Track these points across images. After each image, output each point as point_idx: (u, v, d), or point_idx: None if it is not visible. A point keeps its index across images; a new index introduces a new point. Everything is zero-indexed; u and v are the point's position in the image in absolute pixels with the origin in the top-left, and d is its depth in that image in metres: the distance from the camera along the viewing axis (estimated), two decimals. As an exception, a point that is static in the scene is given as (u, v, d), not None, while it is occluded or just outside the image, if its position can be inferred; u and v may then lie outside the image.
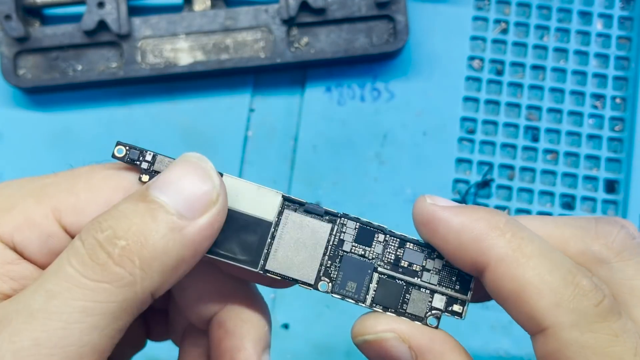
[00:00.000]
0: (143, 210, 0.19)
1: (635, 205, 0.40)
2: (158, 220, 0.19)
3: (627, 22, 0.43)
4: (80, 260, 0.18)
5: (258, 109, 0.42)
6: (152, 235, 0.18)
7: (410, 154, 0.41)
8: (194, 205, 0.19)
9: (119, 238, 0.18)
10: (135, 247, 0.18)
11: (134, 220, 0.18)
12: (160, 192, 0.19)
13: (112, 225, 0.18)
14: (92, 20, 0.39)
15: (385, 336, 0.22)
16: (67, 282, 0.18)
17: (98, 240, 0.18)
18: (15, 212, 0.21)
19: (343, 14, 0.40)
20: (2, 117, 0.41)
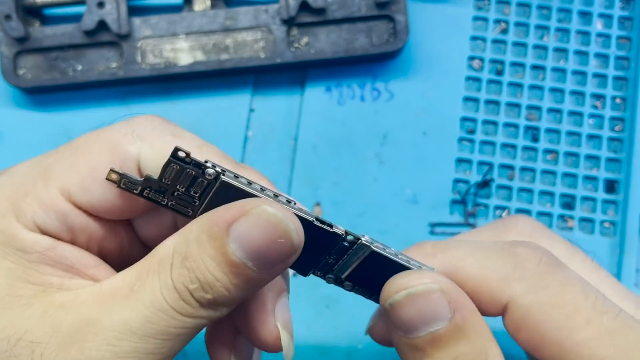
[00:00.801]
0: (226, 269, 0.21)
1: (635, 205, 0.40)
2: (240, 278, 0.21)
3: (627, 22, 0.43)
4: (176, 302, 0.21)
5: (258, 109, 0.42)
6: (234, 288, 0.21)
7: (410, 154, 0.41)
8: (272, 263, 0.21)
9: (206, 292, 0.21)
10: (220, 298, 0.21)
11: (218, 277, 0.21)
12: (242, 251, 0.21)
13: (199, 278, 0.21)
14: (92, 20, 0.39)
15: (432, 287, 0.22)
16: (164, 314, 0.21)
17: (189, 290, 0.21)
18: (29, 199, 0.22)
19: (343, 14, 0.40)
20: (2, 117, 0.41)
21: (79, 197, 0.23)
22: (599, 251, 0.40)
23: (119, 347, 0.20)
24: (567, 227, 0.41)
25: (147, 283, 0.21)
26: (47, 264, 0.22)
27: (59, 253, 0.23)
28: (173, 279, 0.21)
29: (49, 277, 0.22)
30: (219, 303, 0.21)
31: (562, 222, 0.41)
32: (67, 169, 0.23)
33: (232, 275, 0.21)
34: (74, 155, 0.23)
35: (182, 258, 0.21)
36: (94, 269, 0.23)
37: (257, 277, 0.21)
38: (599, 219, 0.41)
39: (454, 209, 0.41)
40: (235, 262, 0.21)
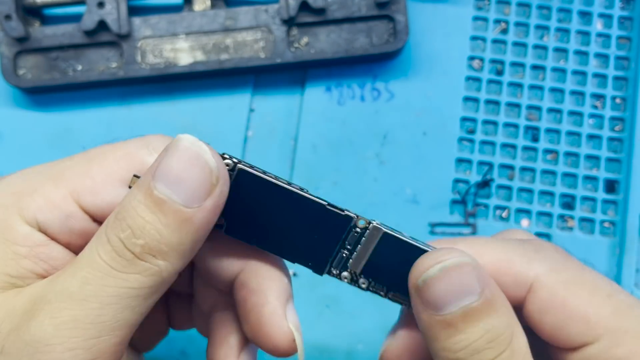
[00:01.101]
0: (153, 207, 0.20)
1: (635, 205, 0.40)
2: (168, 215, 0.20)
3: (627, 22, 0.43)
4: (109, 255, 0.20)
5: (258, 109, 0.42)
6: (165, 230, 0.20)
7: (410, 154, 0.41)
8: (197, 192, 0.21)
9: (138, 237, 0.20)
10: (153, 243, 0.20)
11: (146, 219, 0.20)
12: (164, 185, 0.21)
13: (130, 224, 0.20)
14: (92, 20, 0.39)
15: (465, 260, 0.22)
16: (100, 272, 0.20)
17: (121, 239, 0.20)
18: (36, 195, 0.23)
19: (343, 14, 0.40)
20: (2, 117, 0.41)
21: (89, 200, 0.23)
22: (599, 251, 0.40)
23: (59, 319, 0.20)
24: (567, 227, 0.41)
25: (86, 249, 0.21)
26: (32, 260, 0.22)
27: (48, 251, 0.23)
28: (107, 232, 0.21)
29: (25, 272, 0.22)
30: (154, 251, 0.20)
31: (562, 222, 0.41)
32: (80, 173, 0.23)
33: (160, 212, 0.20)
34: (89, 162, 0.23)
35: (115, 213, 0.21)
36: None
37: (187, 215, 0.21)
38: (599, 219, 0.41)
39: (454, 209, 0.41)
40: (160, 197, 0.20)
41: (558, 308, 0.23)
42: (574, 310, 0.23)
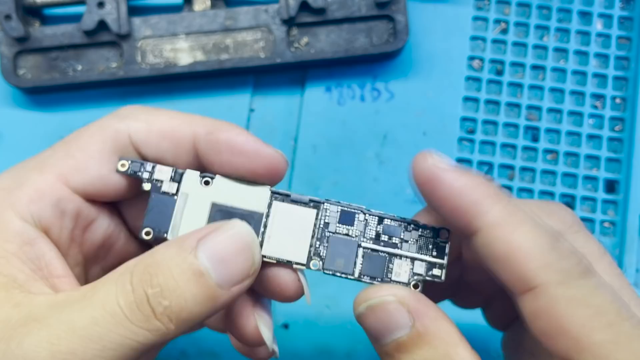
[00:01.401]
0: (190, 276, 0.21)
1: (635, 205, 0.40)
2: (200, 288, 0.21)
3: (627, 22, 0.43)
4: (128, 306, 0.21)
5: (258, 109, 0.42)
6: (192, 301, 0.21)
7: (410, 154, 0.41)
8: (233, 279, 0.22)
9: (165, 298, 0.21)
10: (175, 309, 0.21)
11: (180, 284, 0.21)
12: (207, 259, 0.21)
13: (161, 283, 0.21)
14: (92, 20, 0.39)
15: (387, 299, 0.23)
16: (112, 317, 0.20)
17: (147, 294, 0.21)
18: (24, 188, 0.23)
19: (343, 14, 0.40)
20: (2, 117, 0.41)
21: (76, 179, 0.24)
22: (599, 251, 0.40)
23: (57, 346, 0.20)
24: (567, 227, 0.41)
25: (102, 288, 0.21)
26: (20, 258, 0.23)
27: (35, 250, 0.23)
28: (133, 282, 0.21)
29: (15, 271, 0.22)
30: (173, 315, 0.21)
31: (562, 222, 0.41)
32: (62, 157, 0.24)
33: (194, 283, 0.21)
34: (67, 145, 0.24)
35: (146, 265, 0.21)
36: (58, 278, 0.24)
37: (215, 295, 0.22)
38: (599, 219, 0.41)
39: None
40: (200, 269, 0.21)
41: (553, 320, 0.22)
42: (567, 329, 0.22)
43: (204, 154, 0.25)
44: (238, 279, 0.22)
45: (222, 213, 0.24)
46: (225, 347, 0.39)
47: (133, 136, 0.25)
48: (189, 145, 0.25)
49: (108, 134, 0.25)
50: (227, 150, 0.25)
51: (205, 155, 0.25)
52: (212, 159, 0.25)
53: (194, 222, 0.24)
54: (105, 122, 0.25)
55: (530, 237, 0.22)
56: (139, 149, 0.25)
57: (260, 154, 0.25)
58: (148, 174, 0.25)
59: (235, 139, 0.25)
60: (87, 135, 0.25)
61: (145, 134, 0.25)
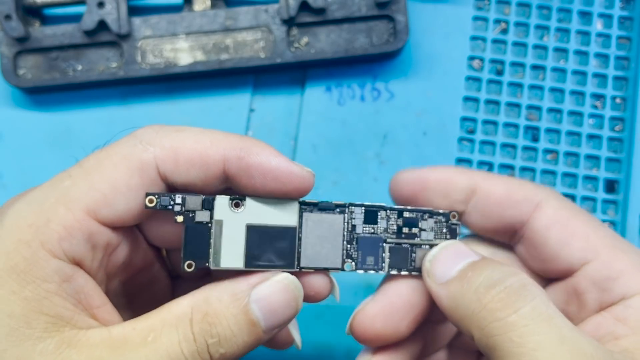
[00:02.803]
0: (243, 326, 0.23)
1: (635, 205, 0.40)
2: (251, 336, 0.23)
3: (627, 22, 0.43)
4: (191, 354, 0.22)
5: (258, 109, 0.42)
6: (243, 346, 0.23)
7: (410, 154, 0.41)
8: (277, 325, 0.24)
9: (222, 347, 0.23)
10: (230, 354, 0.23)
11: (235, 333, 0.23)
12: (259, 310, 0.23)
13: (220, 333, 0.23)
14: (92, 20, 0.39)
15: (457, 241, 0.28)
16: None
17: (208, 343, 0.22)
18: (53, 225, 0.22)
19: (343, 14, 0.40)
20: (2, 117, 0.41)
21: (105, 214, 0.23)
22: (599, 251, 0.40)
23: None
24: (567, 227, 0.41)
25: (164, 335, 0.22)
26: (61, 295, 0.22)
27: (73, 285, 0.23)
28: (194, 332, 0.22)
29: (61, 310, 0.22)
30: (227, 357, 0.23)
31: (562, 222, 0.41)
32: (86, 190, 0.23)
33: (247, 332, 0.23)
34: (89, 175, 0.23)
35: (204, 314, 0.23)
36: (97, 309, 0.24)
37: (262, 338, 0.24)
38: (599, 219, 0.41)
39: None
40: (254, 320, 0.23)
41: (562, 225, 0.26)
42: (576, 228, 0.26)
43: (236, 179, 0.25)
44: (283, 325, 0.24)
45: (259, 233, 0.25)
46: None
47: (160, 167, 0.24)
48: (218, 171, 0.24)
49: (134, 166, 0.24)
50: (259, 175, 0.24)
51: (236, 180, 0.25)
52: (244, 183, 0.25)
53: (232, 246, 0.25)
54: (128, 151, 0.24)
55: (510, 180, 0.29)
56: (166, 179, 0.24)
57: (293, 176, 0.25)
58: (179, 206, 0.24)
59: (267, 164, 0.24)
60: (111, 166, 0.24)
61: (173, 164, 0.24)
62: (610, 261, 0.26)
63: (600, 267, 0.26)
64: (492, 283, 0.23)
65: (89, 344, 0.22)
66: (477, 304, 0.23)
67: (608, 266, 0.26)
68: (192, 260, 0.24)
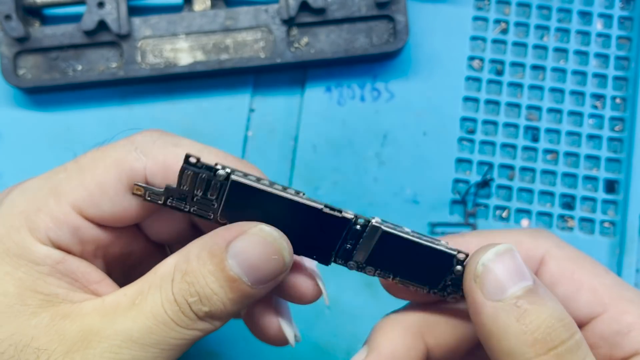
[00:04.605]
0: (223, 283, 0.22)
1: (635, 205, 0.40)
2: (235, 292, 0.23)
3: (627, 22, 0.43)
4: (175, 314, 0.22)
5: (258, 109, 0.42)
6: (229, 303, 0.23)
7: (410, 154, 0.41)
8: (265, 279, 0.23)
9: (204, 305, 0.22)
10: (216, 311, 0.23)
11: (215, 291, 0.22)
12: (238, 266, 0.22)
13: (199, 292, 0.22)
14: (92, 20, 0.39)
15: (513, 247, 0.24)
16: (164, 325, 0.22)
17: (188, 302, 0.22)
18: (41, 214, 0.23)
19: (343, 14, 0.40)
20: (2, 117, 0.41)
21: (90, 211, 0.24)
22: (599, 251, 0.40)
23: (120, 355, 0.22)
24: (567, 227, 0.41)
25: (149, 296, 0.22)
26: (55, 276, 0.23)
27: (67, 266, 0.24)
28: (174, 292, 0.22)
29: (55, 288, 0.23)
30: (215, 316, 0.23)
31: (562, 222, 0.41)
32: (76, 186, 0.24)
33: (229, 289, 0.22)
34: (81, 173, 0.24)
35: (183, 273, 0.22)
36: (97, 284, 0.24)
37: (251, 292, 0.23)
38: (599, 219, 0.41)
39: (454, 209, 0.41)
40: (233, 276, 0.22)
41: (568, 279, 0.25)
42: (582, 281, 0.25)
43: None
44: (270, 279, 0.23)
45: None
46: (225, 347, 0.39)
47: (149, 178, 0.24)
48: None
49: (124, 172, 0.24)
50: None
51: None
52: None
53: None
54: (122, 156, 0.24)
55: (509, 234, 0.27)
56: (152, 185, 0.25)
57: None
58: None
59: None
60: (103, 167, 0.24)
61: (162, 176, 0.24)
62: (620, 314, 0.24)
63: (609, 321, 0.24)
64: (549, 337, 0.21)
65: (82, 313, 0.23)
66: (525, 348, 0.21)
67: (617, 320, 0.24)
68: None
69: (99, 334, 0.22)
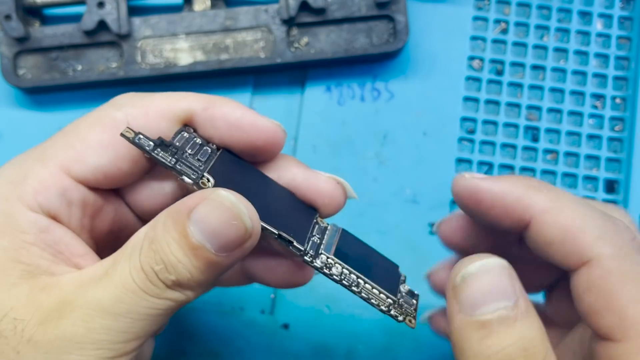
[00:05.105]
0: (187, 251, 0.22)
1: (635, 205, 0.40)
2: (200, 260, 0.22)
3: (627, 22, 0.43)
4: (143, 282, 0.22)
5: (258, 109, 0.42)
6: (196, 271, 0.22)
7: (410, 154, 0.41)
8: (229, 245, 0.22)
9: (170, 273, 0.22)
10: (184, 280, 0.22)
11: (179, 259, 0.22)
12: (200, 233, 0.22)
13: (164, 260, 0.22)
14: (92, 20, 0.39)
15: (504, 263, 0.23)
16: (133, 294, 0.22)
17: (155, 270, 0.22)
18: (29, 180, 0.24)
19: (343, 14, 0.40)
20: (2, 117, 0.41)
21: (77, 170, 0.24)
22: (599, 251, 0.40)
23: (91, 324, 0.22)
24: (567, 227, 0.41)
25: (119, 266, 0.22)
26: (39, 246, 0.24)
27: (52, 236, 0.24)
28: (141, 260, 0.22)
29: (37, 259, 0.23)
30: (183, 285, 0.22)
31: (562, 222, 0.41)
32: (61, 148, 0.25)
33: (193, 257, 0.22)
34: (65, 136, 0.25)
35: (150, 241, 0.22)
36: (80, 257, 0.25)
37: (217, 261, 0.22)
38: None
39: (454, 209, 0.41)
40: (195, 244, 0.22)
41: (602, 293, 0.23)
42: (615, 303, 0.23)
43: (202, 129, 0.26)
44: (236, 245, 0.23)
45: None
46: (225, 347, 0.39)
47: (132, 123, 0.25)
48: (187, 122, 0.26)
49: (106, 123, 0.25)
50: (223, 125, 0.25)
51: (203, 130, 0.26)
52: (210, 134, 0.25)
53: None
54: (102, 112, 0.25)
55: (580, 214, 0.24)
56: None
57: (257, 127, 0.25)
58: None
59: (230, 114, 0.25)
60: (85, 125, 0.25)
61: (143, 119, 0.25)
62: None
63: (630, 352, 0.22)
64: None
65: (60, 285, 0.23)
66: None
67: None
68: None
69: (72, 303, 0.22)
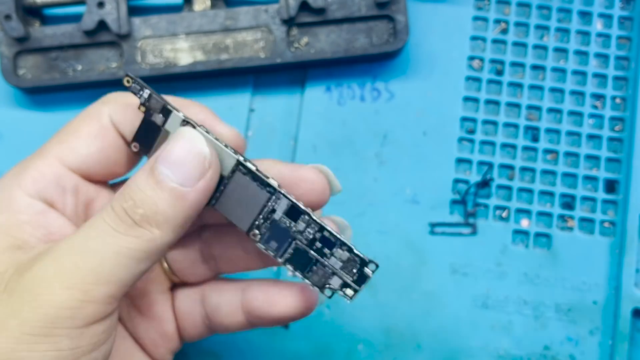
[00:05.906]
0: (153, 184, 0.24)
1: (635, 205, 0.40)
2: (165, 191, 0.24)
3: (627, 22, 0.43)
4: (112, 220, 0.24)
5: (258, 109, 0.42)
6: (162, 204, 0.24)
7: (410, 154, 0.41)
8: (191, 175, 0.24)
9: (138, 207, 0.24)
10: (150, 213, 0.24)
11: (147, 193, 0.24)
12: (164, 167, 0.24)
13: (133, 197, 0.24)
14: (92, 20, 0.39)
15: None
16: (103, 231, 0.24)
17: (124, 207, 0.24)
18: (29, 171, 0.27)
19: (343, 14, 0.40)
20: (2, 117, 0.41)
21: (70, 158, 0.27)
22: (599, 251, 0.40)
23: (61, 264, 0.23)
24: (567, 227, 0.41)
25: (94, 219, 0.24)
26: (32, 225, 0.26)
27: (46, 219, 0.26)
28: (112, 204, 0.24)
29: (27, 236, 0.25)
30: (151, 221, 0.24)
31: (562, 222, 0.41)
32: (57, 142, 0.27)
33: (159, 189, 0.24)
34: (61, 133, 0.28)
35: (121, 190, 0.25)
36: None
37: (182, 192, 0.24)
38: (599, 219, 0.41)
39: (454, 209, 0.41)
40: (159, 175, 0.24)
41: None
42: None
43: None
44: (196, 175, 0.24)
45: None
46: (225, 347, 0.39)
47: (113, 117, 0.28)
48: None
49: (92, 116, 0.28)
50: None
51: None
52: None
53: None
54: (91, 108, 0.28)
55: None
56: (117, 126, 0.28)
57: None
58: (144, 100, 0.27)
59: None
60: (76, 121, 0.28)
61: (122, 114, 0.28)
62: None
63: None
64: None
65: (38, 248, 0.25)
66: None
67: None
68: (139, 144, 0.27)
69: (45, 252, 0.24)
